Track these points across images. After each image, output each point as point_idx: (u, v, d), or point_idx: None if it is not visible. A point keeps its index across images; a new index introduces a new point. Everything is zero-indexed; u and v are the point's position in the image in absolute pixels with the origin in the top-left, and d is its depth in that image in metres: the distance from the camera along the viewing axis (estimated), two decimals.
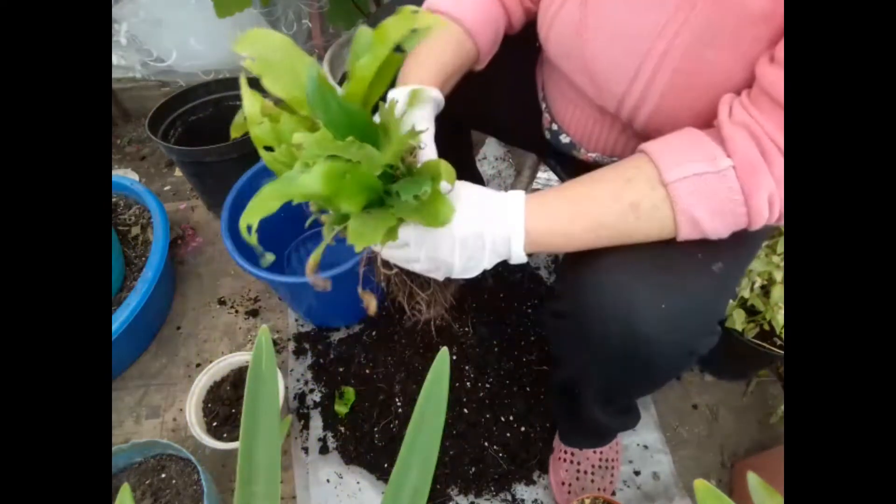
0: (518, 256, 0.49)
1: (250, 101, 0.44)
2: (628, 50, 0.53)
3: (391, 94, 0.57)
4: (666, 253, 0.50)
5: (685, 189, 0.45)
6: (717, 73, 0.49)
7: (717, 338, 0.55)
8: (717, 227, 0.47)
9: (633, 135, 0.63)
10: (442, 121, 0.79)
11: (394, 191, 0.45)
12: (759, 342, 0.84)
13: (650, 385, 0.68)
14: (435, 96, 0.58)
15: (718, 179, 0.45)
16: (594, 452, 0.88)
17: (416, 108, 0.55)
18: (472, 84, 0.68)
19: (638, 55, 0.53)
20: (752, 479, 0.49)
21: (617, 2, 0.54)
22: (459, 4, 0.62)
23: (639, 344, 0.51)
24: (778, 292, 0.82)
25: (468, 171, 1.07)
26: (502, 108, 0.79)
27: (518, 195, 0.49)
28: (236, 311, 1.15)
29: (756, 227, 0.48)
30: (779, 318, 0.81)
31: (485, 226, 0.48)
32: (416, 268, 0.51)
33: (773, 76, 0.43)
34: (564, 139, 0.72)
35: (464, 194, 0.49)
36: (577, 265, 0.58)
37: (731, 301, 0.84)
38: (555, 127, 0.73)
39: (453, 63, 0.62)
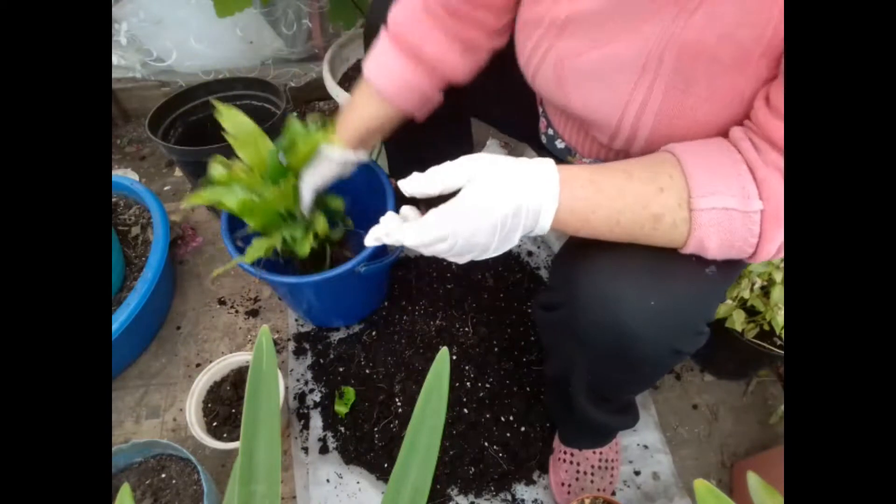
0: (542, 229, 0.48)
1: (217, 168, 0.73)
2: (608, 102, 0.54)
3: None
4: (661, 253, 0.50)
5: (709, 218, 0.45)
6: (699, 115, 0.50)
7: (705, 339, 0.55)
8: (719, 255, 0.48)
9: None
10: (443, 111, 0.80)
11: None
12: (759, 342, 0.84)
13: (636, 382, 0.68)
14: (334, 155, 0.73)
15: (744, 219, 0.45)
16: (594, 453, 0.88)
17: (313, 167, 0.75)
18: (477, 76, 0.68)
19: (618, 106, 0.53)
20: (752, 479, 0.49)
21: (591, 63, 0.55)
22: (380, 74, 0.68)
23: (624, 339, 0.52)
24: (778, 293, 0.82)
25: None
26: (503, 103, 0.79)
27: (549, 165, 0.47)
28: (236, 311, 1.15)
29: (754, 262, 0.49)
30: (779, 319, 0.81)
31: (521, 199, 0.45)
32: (443, 249, 0.48)
33: (779, 129, 0.44)
34: (560, 144, 0.72)
35: (497, 168, 0.46)
36: (571, 259, 0.59)
37: (729, 302, 0.84)
38: (550, 132, 0.74)
39: (374, 120, 0.72)
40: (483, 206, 0.45)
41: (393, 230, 0.50)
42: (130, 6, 1.29)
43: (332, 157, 0.73)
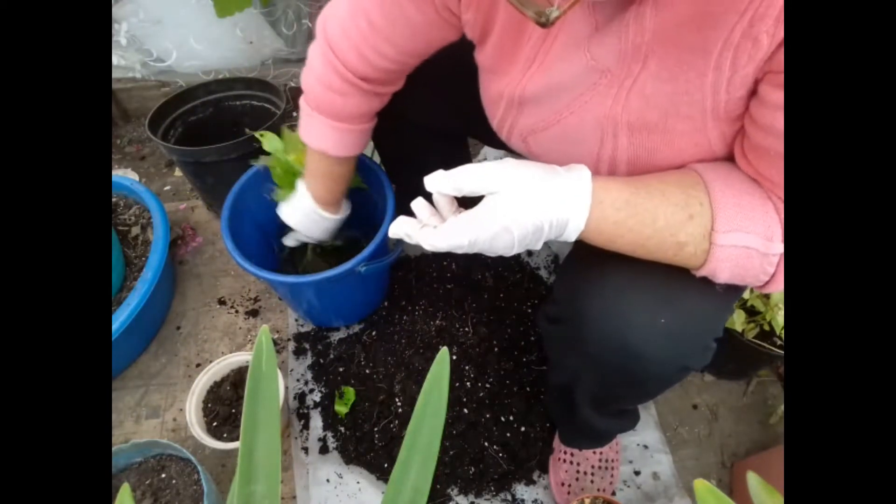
0: (569, 237, 0.47)
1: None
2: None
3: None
4: (670, 268, 0.49)
5: (726, 254, 0.45)
6: (670, 164, 0.50)
7: (712, 353, 0.55)
8: (728, 282, 0.48)
9: None
10: (438, 132, 0.81)
11: None
12: (759, 342, 0.84)
13: (641, 396, 0.69)
14: (329, 216, 0.87)
15: (761, 259, 0.45)
16: (594, 453, 0.88)
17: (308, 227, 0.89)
18: (464, 100, 0.68)
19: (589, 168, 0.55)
20: (752, 479, 0.49)
21: (550, 138, 0.56)
22: (321, 139, 0.72)
23: (633, 358, 0.52)
24: (778, 293, 0.82)
25: None
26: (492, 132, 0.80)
27: (583, 183, 0.45)
28: (236, 311, 1.15)
29: (761, 291, 0.49)
30: (779, 319, 0.81)
31: (547, 218, 0.44)
32: (460, 250, 0.48)
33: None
34: None
35: (527, 182, 0.45)
36: (577, 272, 0.58)
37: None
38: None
39: (337, 173, 0.80)
40: (506, 222, 0.44)
41: (413, 232, 0.49)
42: (130, 6, 1.29)
43: (335, 217, 0.87)
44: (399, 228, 0.51)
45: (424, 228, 0.49)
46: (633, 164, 0.51)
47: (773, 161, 0.44)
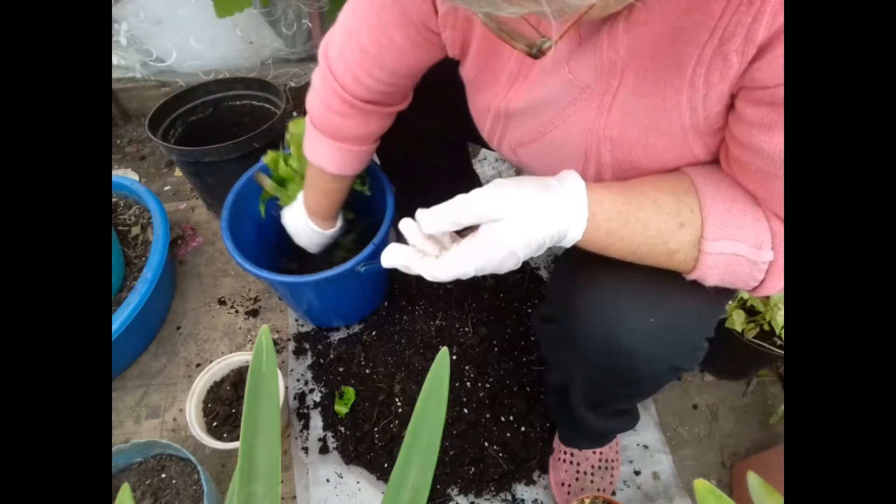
0: (564, 245, 0.47)
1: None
2: None
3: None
4: (662, 270, 0.49)
5: (714, 261, 0.45)
6: (653, 171, 0.51)
7: (703, 354, 0.55)
8: (717, 285, 0.48)
9: None
10: (438, 136, 0.81)
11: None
12: (759, 342, 0.84)
13: (634, 395, 0.69)
14: (326, 232, 0.90)
15: (750, 266, 0.45)
16: (594, 453, 0.88)
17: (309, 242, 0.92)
18: (463, 108, 0.69)
19: None
20: (752, 479, 0.49)
21: (538, 150, 0.57)
22: (322, 158, 0.74)
23: (623, 357, 0.52)
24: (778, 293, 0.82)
25: (467, 176, 1.07)
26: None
27: (580, 199, 0.45)
28: (236, 311, 1.15)
29: (752, 295, 0.50)
30: (778, 319, 0.81)
31: (549, 235, 0.44)
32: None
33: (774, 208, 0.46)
34: None
35: (527, 205, 0.44)
36: (570, 272, 0.59)
37: (729, 302, 0.84)
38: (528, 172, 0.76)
39: (336, 189, 0.82)
40: (513, 247, 0.44)
41: (412, 263, 0.49)
42: (130, 6, 1.29)
43: (325, 233, 0.89)
44: (394, 259, 0.50)
45: (426, 259, 0.49)
46: (617, 177, 0.52)
47: (754, 176, 0.44)
